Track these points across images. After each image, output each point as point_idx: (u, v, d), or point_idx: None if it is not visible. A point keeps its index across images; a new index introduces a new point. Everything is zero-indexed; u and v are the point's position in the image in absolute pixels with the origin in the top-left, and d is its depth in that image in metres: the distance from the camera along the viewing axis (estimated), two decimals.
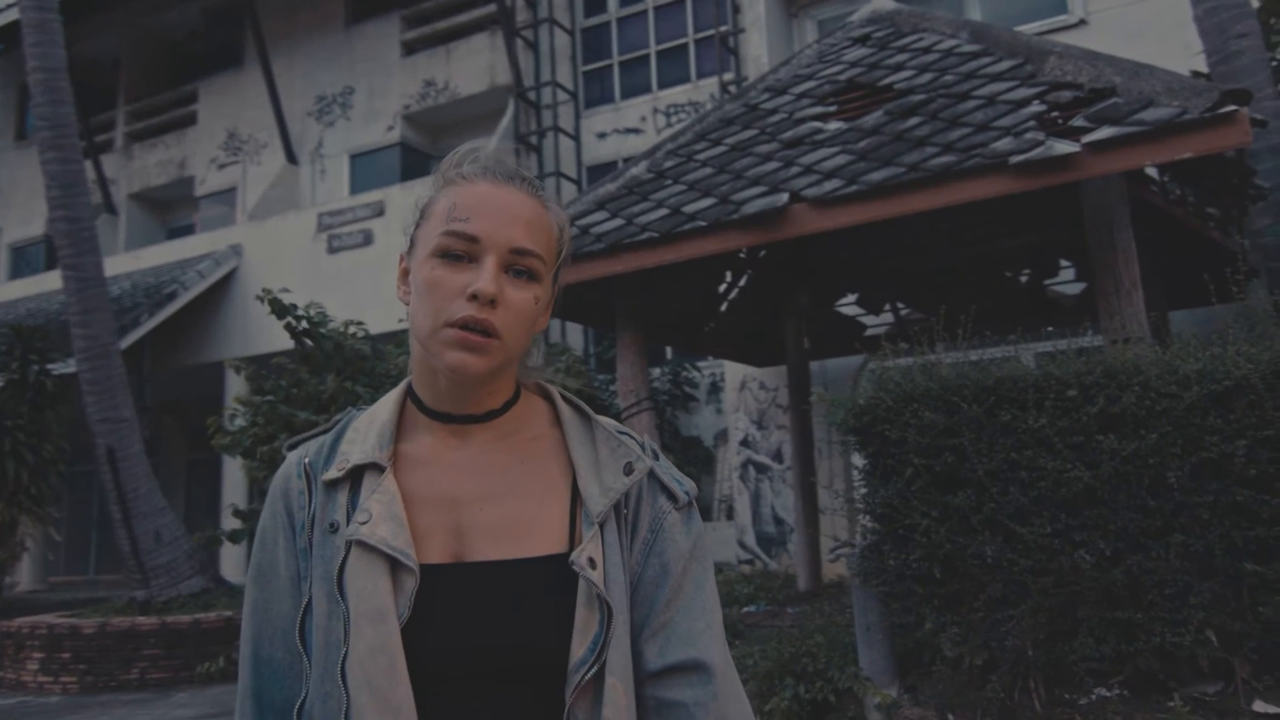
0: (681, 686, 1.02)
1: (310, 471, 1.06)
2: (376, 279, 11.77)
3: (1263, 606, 3.47)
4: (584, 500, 1.04)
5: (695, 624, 1.05)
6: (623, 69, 13.09)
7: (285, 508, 1.06)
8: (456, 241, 1.00)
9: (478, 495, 1.04)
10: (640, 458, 1.07)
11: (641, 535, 1.06)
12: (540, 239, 1.04)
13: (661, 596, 1.05)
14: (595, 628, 0.98)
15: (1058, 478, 3.67)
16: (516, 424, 1.10)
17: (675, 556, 1.06)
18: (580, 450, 1.07)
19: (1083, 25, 9.08)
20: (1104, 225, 4.73)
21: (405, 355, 5.37)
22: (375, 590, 0.96)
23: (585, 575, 0.98)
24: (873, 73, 5.71)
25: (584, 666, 0.96)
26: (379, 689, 0.93)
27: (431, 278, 1.01)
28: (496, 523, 1.02)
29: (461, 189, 1.04)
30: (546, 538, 1.02)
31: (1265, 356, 3.49)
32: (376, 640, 0.94)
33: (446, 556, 1.01)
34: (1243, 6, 5.51)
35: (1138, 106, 4.25)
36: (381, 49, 14.47)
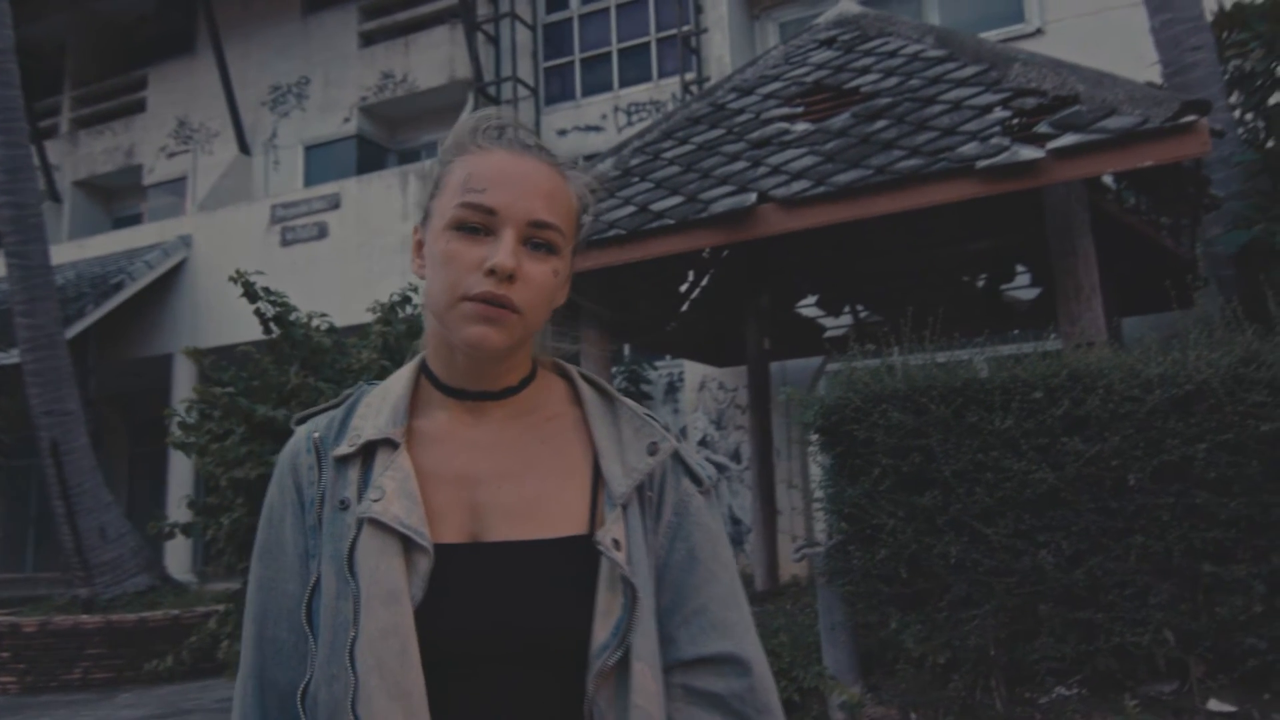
0: (716, 678, 0.99)
1: (320, 446, 1.02)
2: (332, 273, 11.61)
3: (1219, 607, 3.54)
4: (606, 480, 1.00)
5: (729, 614, 1.02)
6: (584, 66, 13.03)
7: (294, 483, 1.02)
8: (473, 214, 0.97)
9: (495, 474, 1.00)
10: (665, 438, 1.04)
11: (665, 518, 1.03)
12: (559, 211, 1.00)
13: (690, 582, 1.02)
14: (618, 612, 0.94)
15: (1023, 479, 3.72)
16: (533, 402, 1.06)
17: (702, 541, 1.03)
18: (602, 430, 1.04)
19: (1039, 34, 9.24)
20: (1065, 231, 4.80)
21: (367, 349, 5.29)
22: (388, 570, 0.92)
23: (610, 555, 0.95)
24: (839, 75, 5.75)
25: (606, 651, 0.93)
26: (390, 672, 0.89)
27: (447, 250, 0.97)
28: (515, 502, 0.99)
29: (477, 158, 1.00)
30: (567, 518, 0.99)
31: (1224, 361, 3.56)
32: (389, 622, 0.90)
33: (462, 536, 0.97)
34: (1198, 20, 5.63)
35: (1101, 114, 4.32)
36: (339, 39, 14.25)
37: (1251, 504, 3.49)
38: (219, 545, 5.13)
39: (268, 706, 1.00)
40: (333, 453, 1.01)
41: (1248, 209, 5.26)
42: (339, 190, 12.32)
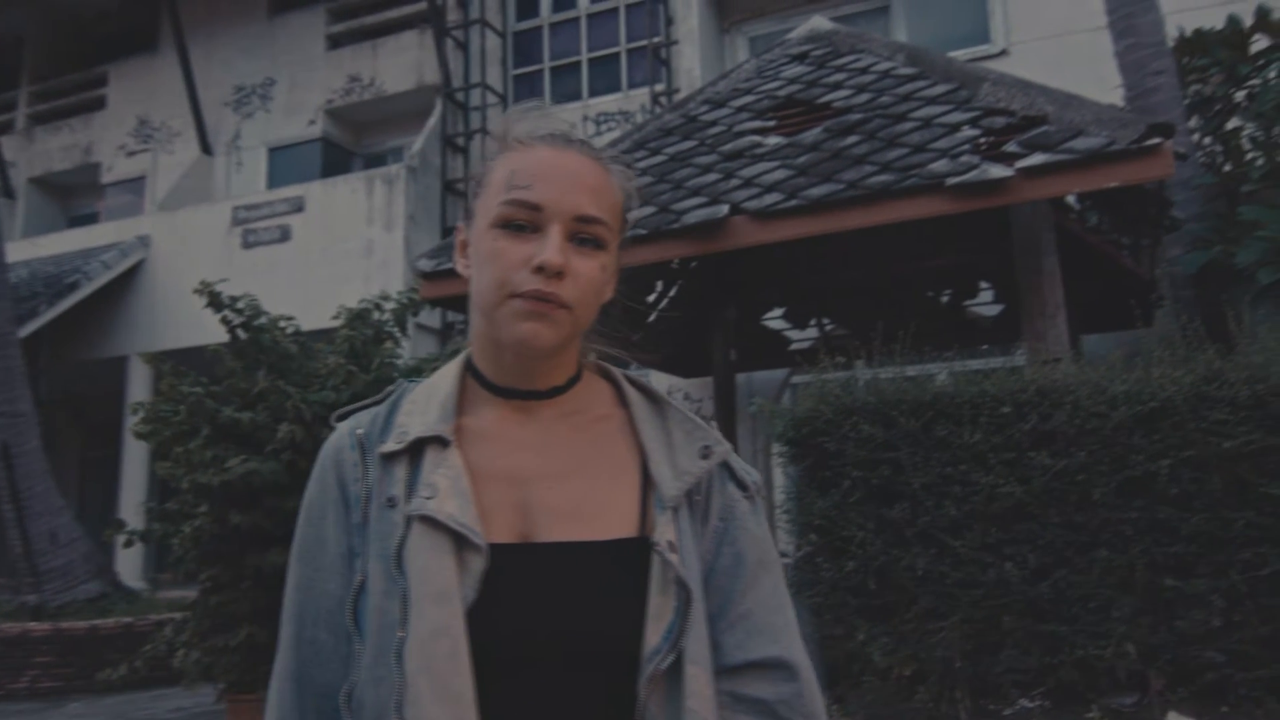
0: (763, 683, 0.98)
1: (365, 443, 1.00)
2: (295, 276, 11.46)
3: (1179, 620, 3.61)
4: (656, 483, 0.99)
5: (775, 619, 1.01)
6: (554, 75, 13.03)
7: (337, 480, 1.00)
8: (518, 211, 0.96)
9: (545, 473, 0.98)
10: (719, 441, 1.04)
11: (712, 523, 1.02)
12: (605, 205, 0.99)
13: (738, 587, 1.01)
14: (670, 615, 0.93)
15: (990, 492, 3.77)
16: (580, 402, 1.05)
17: (749, 546, 1.03)
18: (650, 432, 1.03)
19: (1004, 55, 9.40)
20: (1031, 249, 4.88)
21: (334, 354, 5.22)
22: (439, 569, 0.90)
23: (667, 558, 0.94)
24: (811, 90, 5.80)
25: (658, 656, 0.92)
26: (439, 675, 0.87)
27: (494, 249, 0.96)
28: (565, 502, 0.97)
29: (520, 155, 0.99)
30: (617, 520, 0.98)
31: (1187, 380, 3.64)
32: (439, 622, 0.88)
33: (512, 536, 0.95)
34: (1160, 45, 5.77)
35: (1068, 135, 4.40)
36: (305, 41, 14.12)
37: (1212, 520, 3.56)
38: (179, 553, 5.03)
39: (306, 709, 0.98)
40: (379, 449, 0.99)
41: (1206, 231, 5.38)
42: (303, 193, 12.18)
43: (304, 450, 4.82)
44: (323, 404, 5.00)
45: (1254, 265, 4.68)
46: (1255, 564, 3.49)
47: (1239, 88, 5.65)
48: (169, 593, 9.45)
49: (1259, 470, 3.51)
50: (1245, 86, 5.61)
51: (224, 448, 4.78)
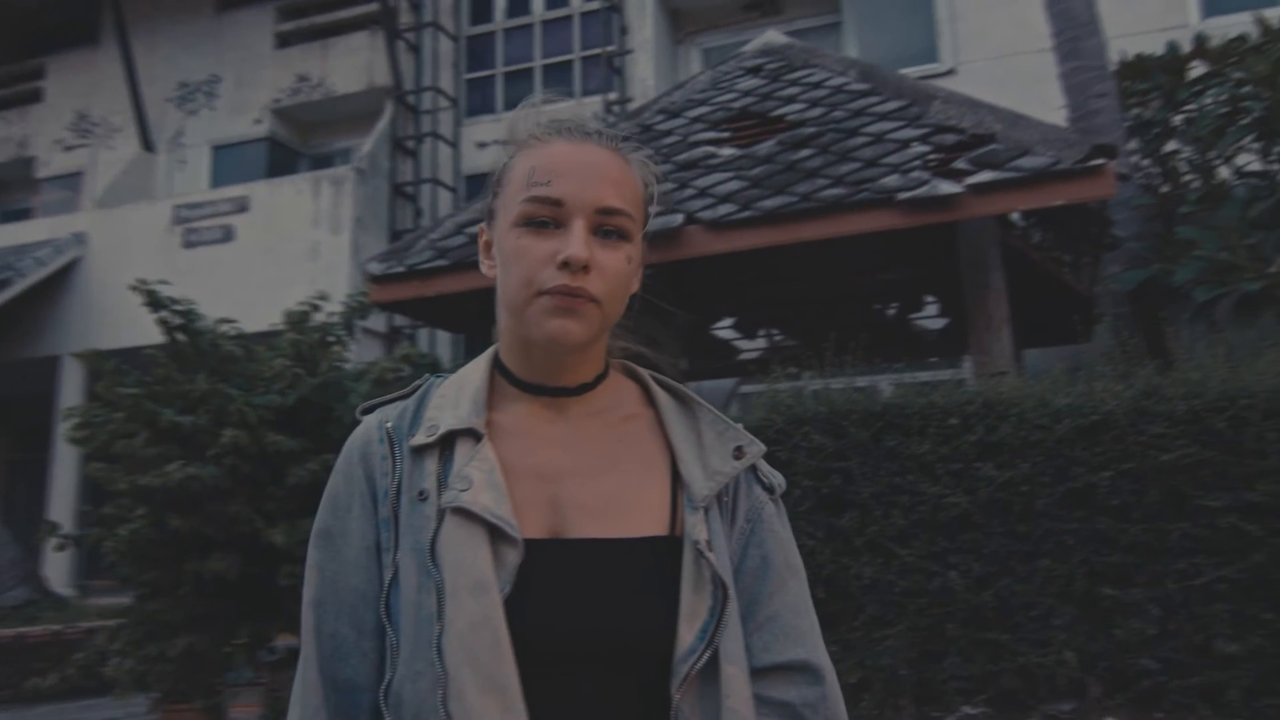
0: (788, 686, 0.98)
1: (394, 436, 0.99)
2: (237, 278, 11.24)
3: (1117, 629, 3.69)
4: (686, 483, 0.98)
5: (801, 622, 1.01)
6: (506, 80, 12.99)
7: (365, 473, 0.99)
8: (540, 207, 0.95)
9: (575, 470, 0.98)
10: (752, 442, 1.03)
11: (739, 524, 1.02)
12: (627, 195, 0.98)
13: (764, 590, 1.00)
14: (704, 615, 0.92)
15: (937, 502, 3.82)
16: (608, 401, 1.04)
17: (776, 548, 1.03)
18: (679, 432, 1.02)
19: (952, 74, 9.60)
20: (978, 265, 4.98)
21: (279, 357, 5.13)
22: (475, 561, 0.89)
23: (706, 556, 0.93)
24: (765, 103, 5.85)
25: (692, 656, 0.91)
26: (482, 665, 0.86)
27: (517, 247, 0.96)
28: (596, 499, 0.96)
29: (537, 151, 0.99)
30: (647, 518, 0.97)
31: (1128, 394, 3.73)
32: (478, 614, 0.87)
33: (543, 532, 0.94)
34: (1103, 68, 5.93)
35: (1016, 154, 4.50)
36: (253, 39, 13.89)
37: (1150, 531, 3.65)
38: (114, 558, 4.90)
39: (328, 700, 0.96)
40: (410, 442, 0.98)
41: (1144, 250, 5.54)
42: (247, 193, 11.97)
43: (247, 455, 4.73)
44: (267, 408, 4.91)
45: (1190, 284, 4.82)
46: (1190, 574, 3.59)
47: (1177, 112, 5.83)
48: (100, 599, 9.18)
49: (1195, 483, 3.60)
50: (1183, 111, 5.79)
51: (165, 450, 4.67)
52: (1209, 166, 5.57)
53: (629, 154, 1.03)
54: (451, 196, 12.70)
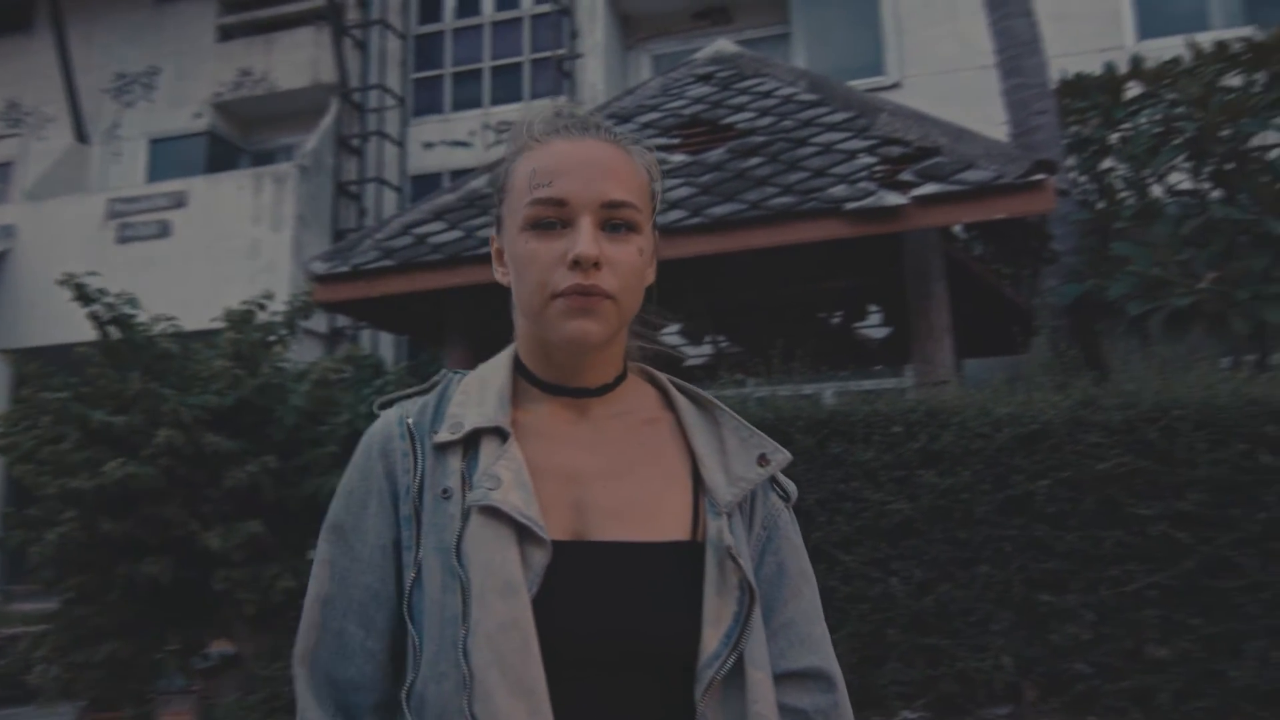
0: (802, 693, 0.99)
1: (415, 432, 0.97)
2: (174, 275, 10.98)
3: (1052, 634, 3.77)
4: (709, 488, 0.98)
5: (815, 629, 1.02)
6: (455, 80, 12.89)
7: (385, 469, 0.97)
8: (545, 209, 0.95)
9: (599, 472, 0.97)
10: (778, 449, 1.03)
11: (755, 531, 1.01)
12: (631, 187, 0.97)
13: (780, 596, 1.01)
14: (729, 620, 0.92)
15: (880, 509, 3.87)
16: (629, 402, 1.04)
17: (791, 556, 1.03)
18: (701, 437, 1.02)
19: (898, 87, 9.76)
20: (922, 275, 5.06)
21: (219, 357, 5.02)
22: (504, 561, 0.88)
23: (737, 561, 0.93)
24: (716, 111, 5.89)
25: (717, 661, 0.91)
26: (511, 668, 0.85)
27: (527, 251, 0.95)
28: (619, 502, 0.96)
29: (536, 152, 0.98)
30: (670, 522, 0.97)
31: (1065, 404, 3.82)
32: (507, 615, 0.86)
33: (567, 534, 0.93)
34: (1043, 86, 6.07)
35: (960, 167, 4.58)
36: (194, 30, 13.59)
37: (1085, 538, 3.74)
38: (40, 562, 4.74)
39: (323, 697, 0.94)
40: (434, 439, 0.96)
41: (1081, 264, 5.67)
42: (186, 188, 11.71)
43: (183, 456, 4.62)
44: (204, 408, 4.80)
45: (1124, 298, 4.95)
46: (1123, 580, 3.68)
47: (1113, 130, 5.98)
48: (24, 605, 8.87)
49: (1128, 491, 3.70)
50: (1119, 130, 5.95)
51: (97, 451, 4.53)
52: (1143, 184, 5.73)
53: (629, 145, 1.02)
54: (397, 196, 12.56)
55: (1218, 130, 5.16)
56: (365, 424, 4.13)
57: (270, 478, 4.81)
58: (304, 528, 5.12)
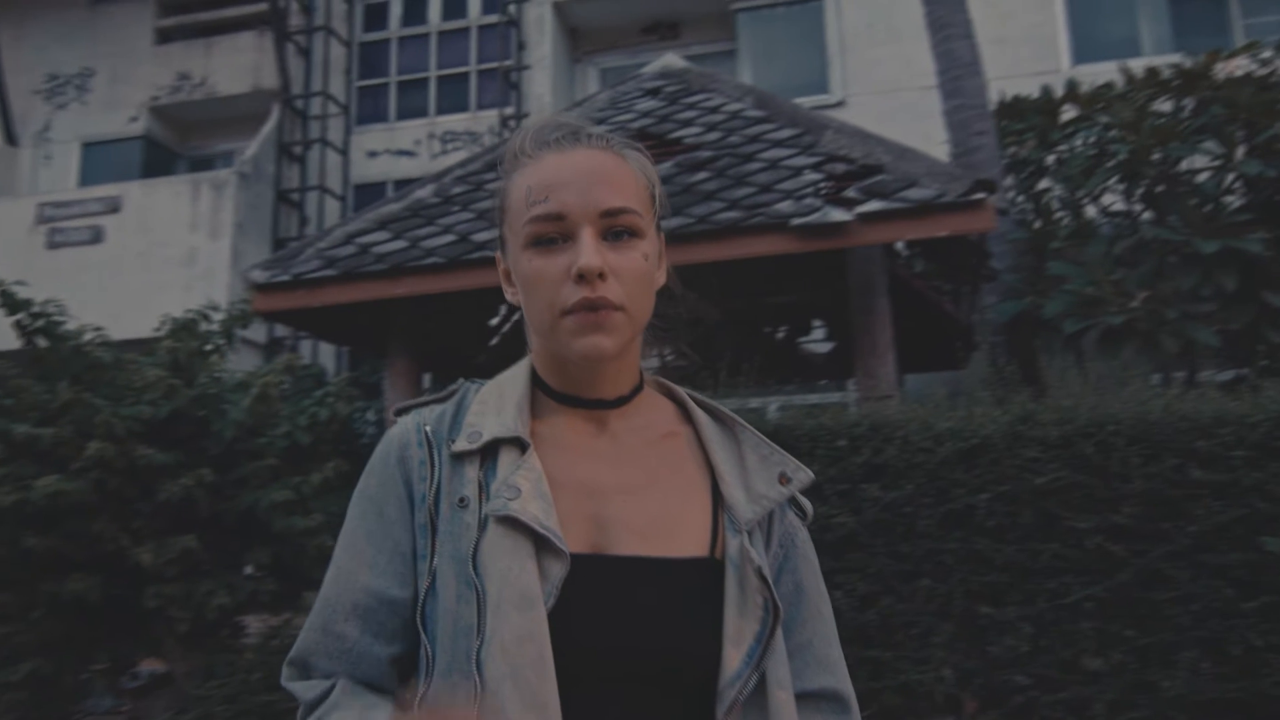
0: (817, 714, 0.98)
1: (433, 440, 0.96)
2: (106, 282, 10.70)
3: (991, 646, 3.82)
4: (729, 505, 0.97)
5: (831, 651, 1.01)
6: (400, 89, 12.77)
7: (402, 476, 0.96)
8: (544, 226, 0.94)
9: (618, 486, 0.96)
10: (799, 468, 1.02)
11: (773, 549, 1.01)
12: (628, 192, 0.96)
13: (797, 616, 1.00)
14: (750, 639, 0.91)
15: (824, 523, 3.89)
16: (647, 416, 1.03)
17: (809, 575, 1.03)
18: (721, 453, 1.01)
19: (842, 106, 9.90)
20: (865, 291, 5.12)
21: (154, 367, 4.88)
22: (521, 573, 0.86)
23: (765, 579, 0.93)
24: (663, 125, 5.91)
25: (739, 680, 0.89)
26: (525, 682, 0.83)
27: (531, 270, 0.94)
28: (639, 517, 0.94)
29: (530, 169, 0.97)
30: (689, 539, 0.96)
31: (1005, 419, 3.89)
32: (524, 628, 0.84)
33: (585, 547, 0.92)
34: (983, 108, 6.21)
35: (903, 185, 4.65)
36: (131, 32, 13.28)
37: (1023, 551, 3.80)
38: None
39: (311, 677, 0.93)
40: (451, 448, 0.95)
41: (1018, 283, 5.80)
42: (120, 193, 11.41)
43: (114, 468, 4.48)
44: (137, 419, 4.66)
45: (1060, 316, 5.07)
46: (1060, 593, 3.75)
47: (1050, 152, 6.14)
48: None
49: (1065, 505, 3.77)
50: (1055, 151, 6.11)
51: (21, 465, 4.37)
52: (1078, 205, 5.88)
53: (623, 150, 1.01)
54: (340, 205, 12.39)
55: (1149, 154, 5.32)
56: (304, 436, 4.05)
57: (206, 491, 4.69)
58: (240, 542, 5.00)
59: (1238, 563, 3.62)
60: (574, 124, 1.00)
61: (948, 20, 6.40)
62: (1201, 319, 4.89)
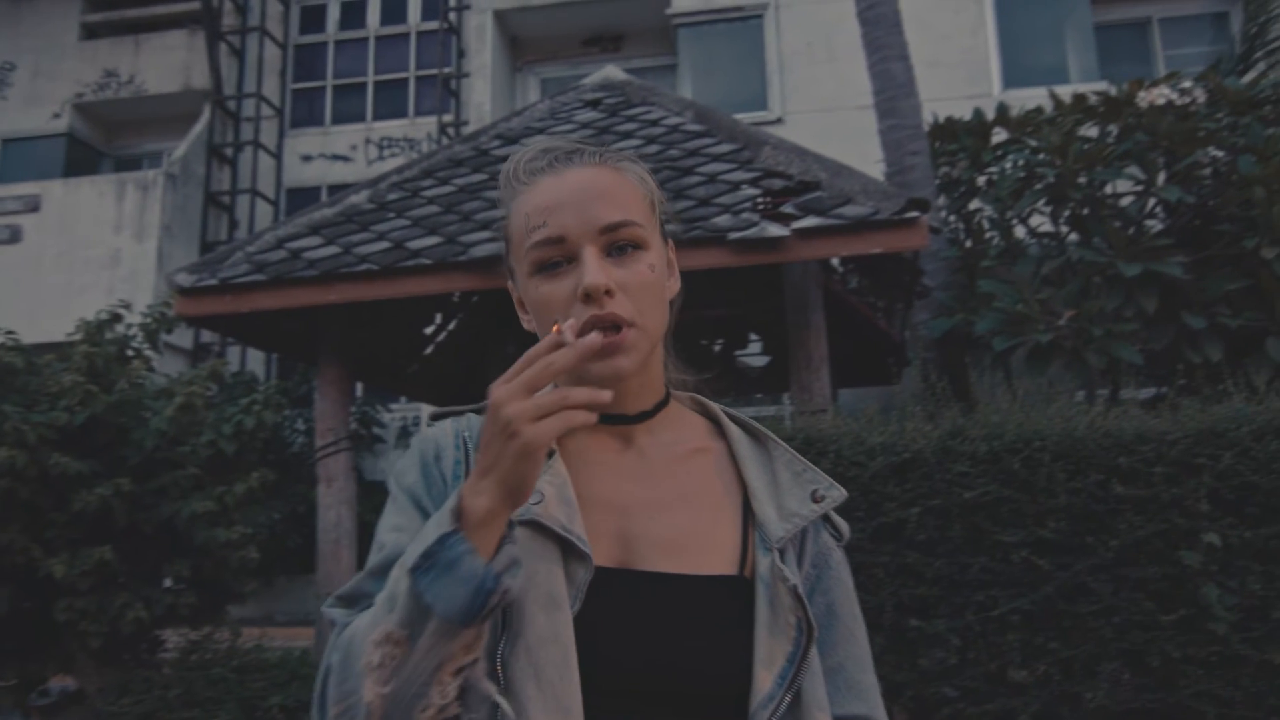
0: None
1: (468, 445, 0.97)
2: (23, 283, 10.32)
3: (921, 658, 3.86)
4: (760, 522, 0.95)
5: (865, 677, 1.00)
6: (336, 93, 12.58)
7: (440, 475, 0.96)
8: (545, 251, 0.93)
9: (646, 502, 0.95)
10: (832, 485, 1.00)
11: (805, 569, 0.98)
12: (627, 204, 0.95)
13: (829, 639, 0.98)
14: (782, 660, 0.89)
15: None
16: (675, 432, 1.02)
17: (843, 598, 1.01)
18: (753, 469, 0.99)
19: (780, 123, 10.01)
20: (801, 306, 5.16)
21: (70, 372, 4.70)
22: (547, 575, 0.86)
23: (800, 598, 0.91)
24: (603, 137, 5.89)
25: (772, 703, 0.88)
26: (549, 683, 0.82)
27: (540, 296, 0.94)
28: (667, 534, 0.93)
29: (526, 196, 0.96)
30: (719, 556, 0.94)
31: (935, 434, 3.94)
32: (549, 630, 0.84)
33: (611, 562, 0.91)
34: (917, 128, 6.32)
35: (839, 202, 4.71)
36: (55, 27, 12.87)
37: (952, 564, 3.85)
38: None
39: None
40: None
41: (950, 300, 5.90)
42: (40, 191, 11.05)
43: (25, 477, 4.30)
44: (50, 426, 4.48)
45: (990, 333, 5.17)
46: (987, 605, 3.80)
47: (981, 173, 6.27)
48: None
49: (993, 519, 3.83)
50: (986, 173, 6.24)
51: None
52: (1007, 225, 6.01)
53: (618, 162, 1.00)
54: (272, 210, 12.14)
55: (1075, 177, 5.46)
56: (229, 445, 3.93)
57: (123, 501, 4.52)
58: (159, 554, 4.83)
59: (1157, 576, 3.72)
60: (565, 145, 1.00)
61: (884, 42, 6.51)
62: (1125, 338, 5.03)
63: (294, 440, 10.79)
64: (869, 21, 6.61)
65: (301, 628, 7.67)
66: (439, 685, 0.80)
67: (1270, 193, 4.97)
